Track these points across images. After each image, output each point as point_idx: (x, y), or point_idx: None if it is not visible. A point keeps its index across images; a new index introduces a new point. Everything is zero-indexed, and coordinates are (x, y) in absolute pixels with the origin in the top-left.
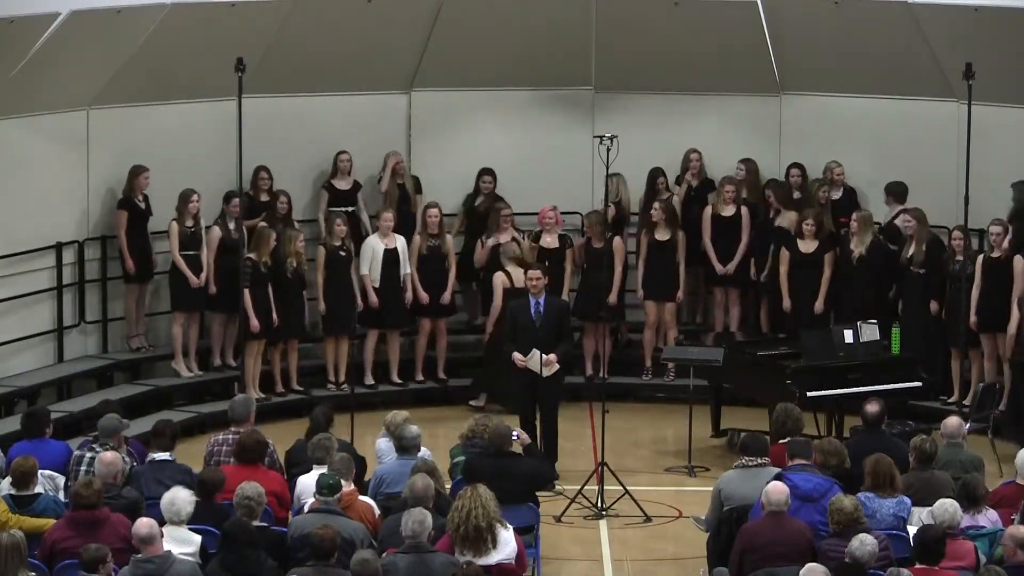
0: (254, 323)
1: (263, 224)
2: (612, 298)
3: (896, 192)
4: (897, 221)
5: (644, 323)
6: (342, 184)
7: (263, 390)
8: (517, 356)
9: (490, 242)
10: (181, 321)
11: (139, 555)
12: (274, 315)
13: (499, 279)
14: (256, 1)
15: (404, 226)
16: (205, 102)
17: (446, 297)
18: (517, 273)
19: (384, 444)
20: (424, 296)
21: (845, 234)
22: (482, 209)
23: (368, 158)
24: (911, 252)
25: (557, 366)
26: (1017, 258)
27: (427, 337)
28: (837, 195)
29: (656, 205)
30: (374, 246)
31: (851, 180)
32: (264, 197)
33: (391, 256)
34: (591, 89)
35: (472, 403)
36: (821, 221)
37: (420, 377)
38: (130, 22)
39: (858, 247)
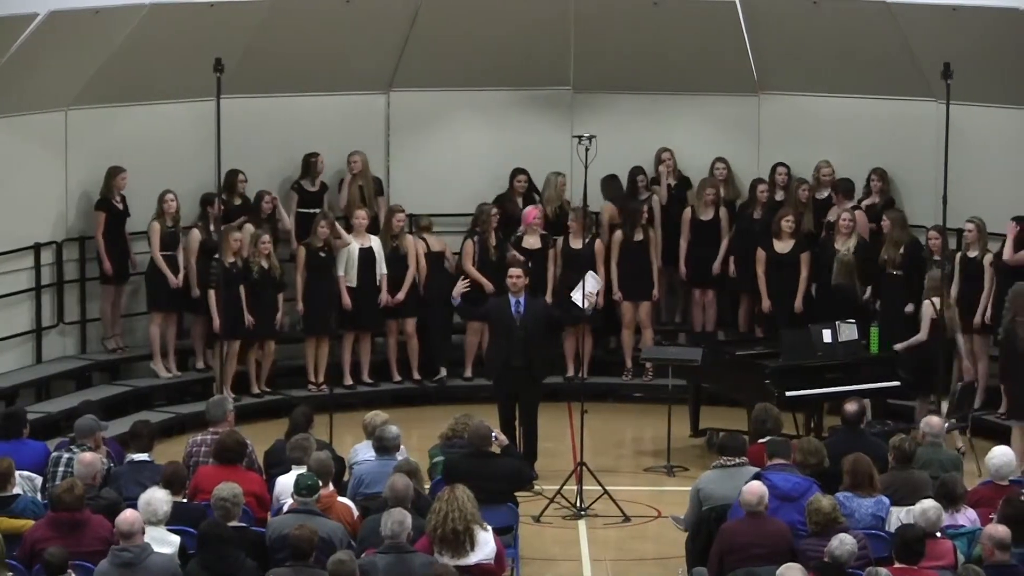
0: (216, 323)
1: (233, 224)
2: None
3: (845, 189)
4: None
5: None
6: (310, 186)
7: (238, 391)
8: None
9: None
10: (159, 321)
11: (116, 546)
12: (246, 316)
13: (420, 245)
14: (235, 1)
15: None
16: (184, 103)
17: (399, 297)
18: (431, 239)
19: (360, 447)
20: (397, 297)
21: (828, 235)
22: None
23: (346, 158)
24: (887, 255)
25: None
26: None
27: (395, 338)
28: (823, 195)
29: (646, 207)
30: (349, 247)
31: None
32: (237, 201)
33: (366, 256)
34: (570, 89)
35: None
36: (800, 220)
37: (397, 377)
38: (109, 23)
39: (845, 245)
